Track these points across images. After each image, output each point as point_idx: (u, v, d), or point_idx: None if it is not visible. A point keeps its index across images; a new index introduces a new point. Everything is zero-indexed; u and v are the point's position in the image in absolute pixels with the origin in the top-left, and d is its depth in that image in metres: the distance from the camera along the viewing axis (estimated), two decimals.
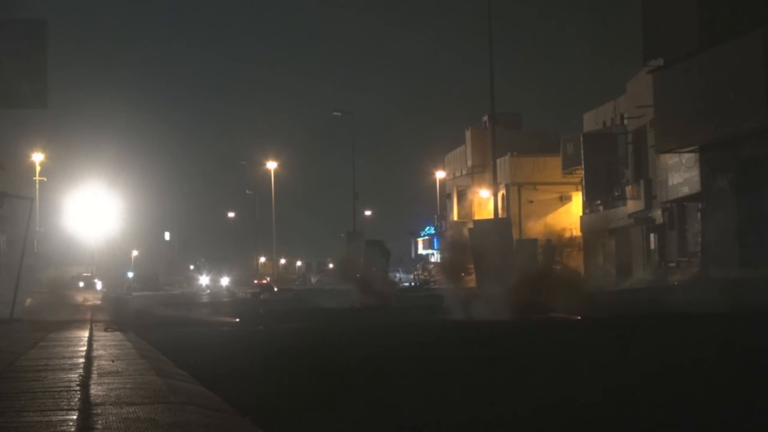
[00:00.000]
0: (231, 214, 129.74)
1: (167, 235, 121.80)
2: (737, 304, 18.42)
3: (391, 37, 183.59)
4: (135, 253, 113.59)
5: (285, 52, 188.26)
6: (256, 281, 73.30)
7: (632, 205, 45.25)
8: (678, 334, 13.83)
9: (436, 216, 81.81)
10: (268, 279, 78.52)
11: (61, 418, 6.15)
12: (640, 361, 10.47)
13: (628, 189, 45.92)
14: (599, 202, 51.40)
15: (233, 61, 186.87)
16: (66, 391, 7.52)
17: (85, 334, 15.83)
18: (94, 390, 7.57)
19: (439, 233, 77.63)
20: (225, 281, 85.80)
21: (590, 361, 10.59)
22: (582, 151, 50.28)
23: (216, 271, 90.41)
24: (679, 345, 12.21)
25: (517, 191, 62.01)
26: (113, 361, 10.33)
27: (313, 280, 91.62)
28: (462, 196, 70.90)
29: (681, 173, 36.60)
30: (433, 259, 76.65)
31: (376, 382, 9.36)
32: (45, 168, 69.26)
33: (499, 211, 52.92)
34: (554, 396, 7.95)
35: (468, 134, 70.67)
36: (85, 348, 12.30)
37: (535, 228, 54.01)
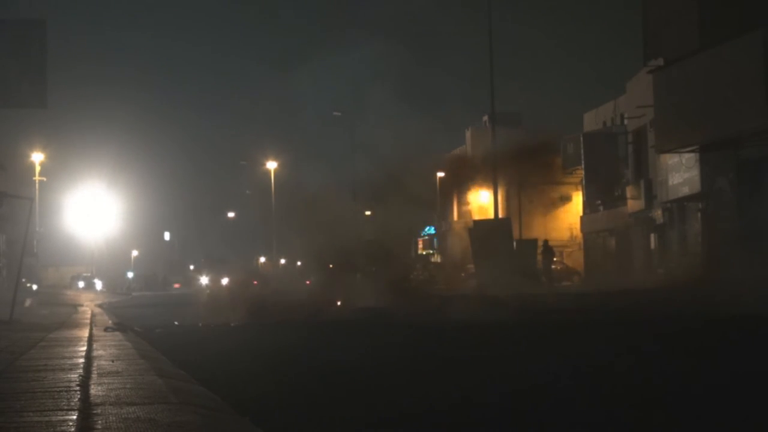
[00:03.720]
0: (231, 214, 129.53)
1: (167, 235, 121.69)
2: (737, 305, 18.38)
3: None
4: (135, 253, 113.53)
5: (286, 51, 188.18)
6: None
7: (632, 205, 45.26)
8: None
9: (436, 216, 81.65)
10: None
11: (61, 418, 6.15)
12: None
13: (628, 189, 45.94)
14: (599, 202, 51.43)
15: (235, 61, 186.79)
16: (66, 391, 7.51)
17: (85, 334, 15.84)
18: (94, 390, 7.57)
19: (438, 233, 77.54)
20: (225, 281, 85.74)
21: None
22: (582, 151, 50.30)
23: (216, 271, 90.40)
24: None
25: (517, 191, 62.02)
26: (113, 361, 10.32)
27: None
28: (462, 196, 70.87)
29: (681, 173, 36.59)
30: (432, 260, 76.52)
31: (371, 382, 9.37)
32: (45, 168, 69.16)
33: (500, 211, 52.88)
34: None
35: (468, 134, 70.71)
36: (84, 348, 12.30)
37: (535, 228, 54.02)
